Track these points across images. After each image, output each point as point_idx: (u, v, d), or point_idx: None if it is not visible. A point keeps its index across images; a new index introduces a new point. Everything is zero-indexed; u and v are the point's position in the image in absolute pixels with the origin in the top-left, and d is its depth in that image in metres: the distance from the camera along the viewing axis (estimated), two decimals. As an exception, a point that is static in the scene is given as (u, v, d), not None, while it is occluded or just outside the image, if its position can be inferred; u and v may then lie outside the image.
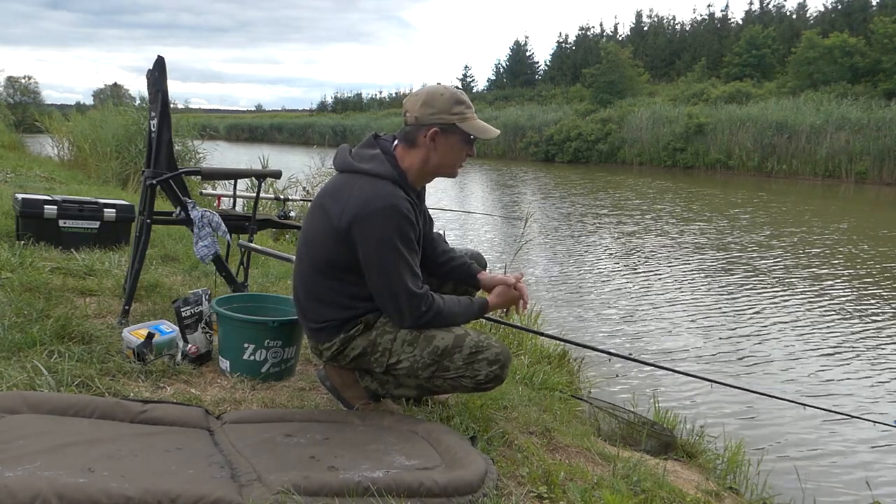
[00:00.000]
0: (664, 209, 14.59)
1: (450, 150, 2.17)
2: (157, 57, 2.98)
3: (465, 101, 2.17)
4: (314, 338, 2.25)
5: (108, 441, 1.80)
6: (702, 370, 4.79)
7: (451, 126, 2.15)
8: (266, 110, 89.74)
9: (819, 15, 40.07)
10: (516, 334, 4.20)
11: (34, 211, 4.17)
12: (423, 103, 2.14)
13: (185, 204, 3.07)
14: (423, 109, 2.14)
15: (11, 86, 46.84)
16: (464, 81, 56.85)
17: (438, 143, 2.16)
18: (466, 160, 2.25)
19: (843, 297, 7.14)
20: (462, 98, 2.18)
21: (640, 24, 49.33)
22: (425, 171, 2.20)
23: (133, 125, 10.46)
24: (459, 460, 1.86)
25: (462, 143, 2.18)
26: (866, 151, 22.31)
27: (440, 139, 2.15)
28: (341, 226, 2.07)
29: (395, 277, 2.06)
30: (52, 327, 2.57)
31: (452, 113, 2.15)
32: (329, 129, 46.15)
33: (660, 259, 9.16)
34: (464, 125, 2.16)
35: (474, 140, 2.20)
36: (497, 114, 37.89)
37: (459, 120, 2.15)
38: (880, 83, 27.52)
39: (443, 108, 2.14)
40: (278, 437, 1.97)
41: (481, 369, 2.09)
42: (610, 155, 30.17)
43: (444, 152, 2.17)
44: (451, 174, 2.25)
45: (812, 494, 3.09)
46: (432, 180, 2.28)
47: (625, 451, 2.65)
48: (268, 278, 4.04)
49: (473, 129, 2.17)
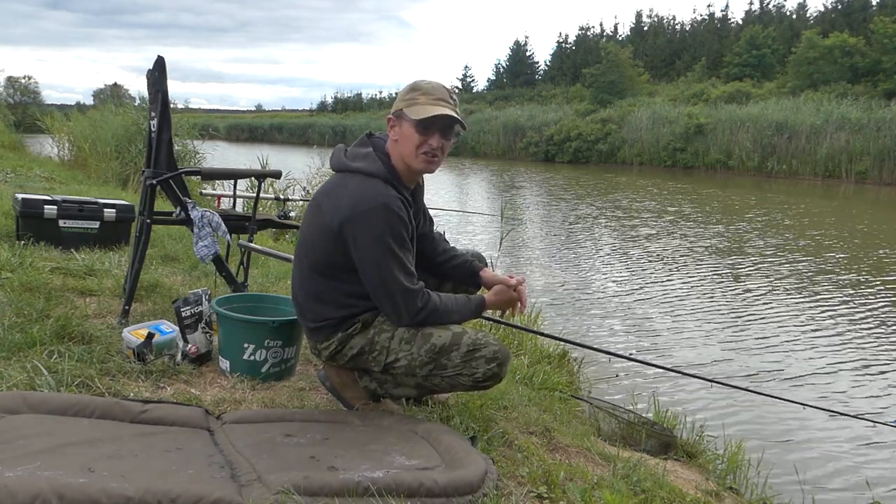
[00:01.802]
0: (664, 209, 14.59)
1: (403, 137, 2.13)
2: (157, 57, 2.98)
3: (421, 88, 2.12)
4: (312, 337, 2.26)
5: (108, 441, 1.80)
6: (702, 370, 4.79)
7: (400, 112, 2.13)
8: (266, 110, 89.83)
9: (819, 15, 40.13)
10: (516, 334, 4.20)
11: (34, 211, 4.17)
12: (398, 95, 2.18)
13: (185, 204, 3.07)
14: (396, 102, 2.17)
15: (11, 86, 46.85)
16: (464, 81, 56.91)
17: (397, 133, 2.15)
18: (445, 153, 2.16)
19: (843, 297, 7.14)
20: (421, 85, 2.13)
21: (640, 24, 49.39)
22: (402, 165, 2.17)
23: (133, 125, 10.46)
24: (459, 460, 1.86)
25: (413, 130, 2.10)
26: (866, 151, 22.35)
27: (396, 128, 2.15)
28: (334, 225, 2.08)
29: (389, 275, 2.06)
30: (52, 327, 2.57)
31: (404, 99, 2.14)
32: (329, 129, 46.20)
33: (659, 259, 9.16)
34: (409, 110, 2.11)
35: (429, 127, 2.08)
36: (497, 114, 37.95)
37: (407, 105, 2.12)
38: (880, 83, 27.54)
39: (401, 96, 2.15)
40: (278, 437, 1.97)
41: (479, 367, 2.09)
42: (610, 155, 30.18)
43: (401, 141, 2.14)
44: (420, 166, 2.14)
45: (812, 494, 3.10)
46: (418, 176, 2.25)
47: (625, 451, 2.65)
48: (268, 278, 4.04)
49: (413, 112, 2.09)
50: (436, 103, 2.10)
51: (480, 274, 2.41)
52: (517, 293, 2.32)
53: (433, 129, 2.10)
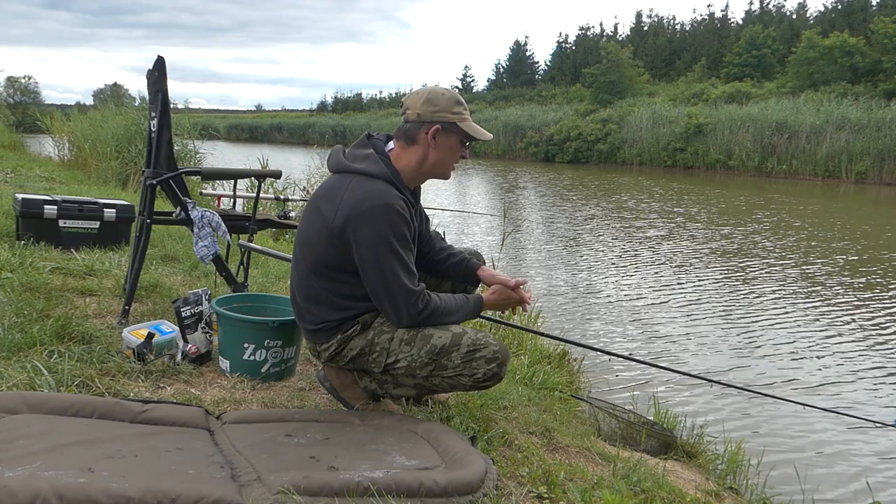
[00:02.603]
0: (663, 209, 14.59)
1: (448, 149, 2.20)
2: (158, 57, 2.98)
3: (464, 103, 2.23)
4: (312, 339, 2.26)
5: (108, 441, 1.80)
6: (702, 370, 4.79)
7: (452, 125, 2.17)
8: (266, 110, 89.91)
9: (819, 15, 40.18)
10: (516, 334, 4.20)
11: (34, 211, 4.17)
12: (426, 101, 2.16)
13: (185, 204, 3.07)
14: (425, 107, 2.15)
15: (11, 86, 46.96)
16: (464, 81, 56.92)
17: (438, 142, 2.17)
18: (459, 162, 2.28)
19: (843, 297, 7.14)
20: (461, 100, 2.23)
21: (640, 24, 49.44)
22: (421, 170, 2.21)
23: (133, 125, 10.45)
24: (459, 460, 1.86)
25: (458, 144, 2.21)
26: (866, 151, 22.36)
27: (440, 137, 2.17)
28: (335, 226, 2.07)
29: (391, 276, 2.06)
30: (52, 327, 2.57)
31: (453, 112, 2.18)
32: (329, 129, 46.24)
33: (660, 259, 9.16)
34: (463, 125, 2.19)
35: (470, 143, 2.24)
36: (497, 114, 37.95)
37: (459, 120, 2.19)
38: (880, 83, 27.56)
39: (445, 106, 2.17)
40: (278, 437, 1.97)
41: (479, 367, 2.09)
42: (610, 155, 30.18)
43: (443, 151, 2.19)
44: (445, 175, 2.27)
45: (812, 494, 3.09)
46: (426, 181, 2.30)
47: (625, 451, 2.65)
48: (268, 278, 4.04)
49: (472, 130, 2.21)
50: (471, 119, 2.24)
51: (478, 273, 2.41)
52: (518, 294, 2.32)
53: (468, 144, 2.24)
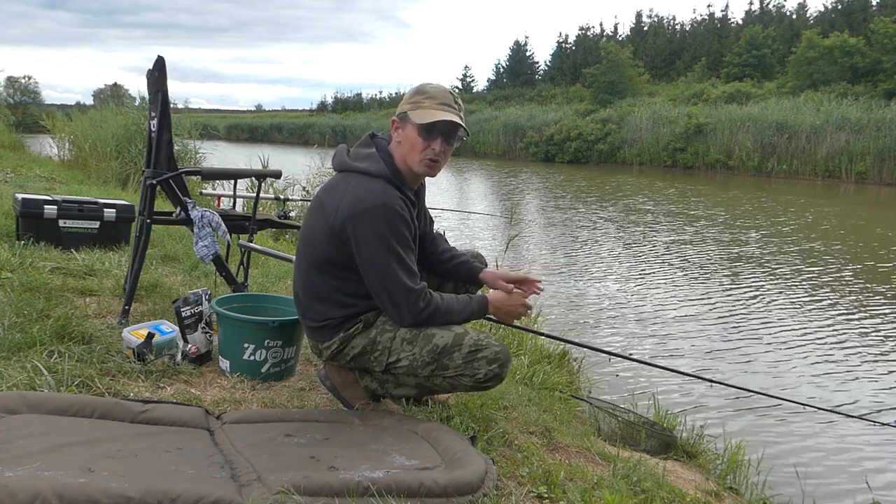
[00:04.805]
0: (663, 209, 14.59)
1: (407, 140, 2.13)
2: (157, 57, 2.98)
3: (426, 92, 2.13)
4: (314, 337, 2.26)
5: (108, 441, 1.80)
6: (702, 370, 4.79)
7: (405, 115, 2.14)
8: (266, 110, 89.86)
9: (819, 15, 40.16)
10: (516, 334, 4.20)
11: (34, 211, 4.17)
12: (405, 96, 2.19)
13: (185, 204, 3.07)
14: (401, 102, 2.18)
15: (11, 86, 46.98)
16: (464, 81, 56.87)
17: (400, 134, 2.15)
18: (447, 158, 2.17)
19: (843, 298, 7.14)
20: (427, 89, 2.14)
21: (640, 24, 49.42)
22: (404, 167, 2.17)
23: (133, 125, 10.45)
24: (459, 460, 1.86)
25: (416, 134, 2.11)
26: (866, 151, 22.35)
27: (401, 130, 2.15)
28: (336, 224, 2.08)
29: (391, 275, 2.06)
30: (52, 327, 2.57)
31: (409, 101, 2.14)
32: (329, 129, 46.18)
33: (660, 259, 9.15)
34: (412, 113, 2.12)
35: (432, 132, 2.09)
36: (497, 114, 37.96)
37: (412, 108, 2.13)
38: (880, 83, 27.55)
39: (407, 97, 2.16)
40: (278, 437, 1.97)
41: (480, 368, 2.09)
42: (610, 155, 30.18)
43: (405, 143, 2.14)
44: (421, 170, 2.15)
45: (812, 494, 3.09)
46: (421, 178, 2.25)
47: (625, 451, 2.65)
48: (268, 278, 4.04)
49: (417, 116, 2.09)
50: (440, 108, 2.10)
51: (480, 276, 2.40)
52: (520, 301, 2.29)
53: (436, 134, 2.11)
